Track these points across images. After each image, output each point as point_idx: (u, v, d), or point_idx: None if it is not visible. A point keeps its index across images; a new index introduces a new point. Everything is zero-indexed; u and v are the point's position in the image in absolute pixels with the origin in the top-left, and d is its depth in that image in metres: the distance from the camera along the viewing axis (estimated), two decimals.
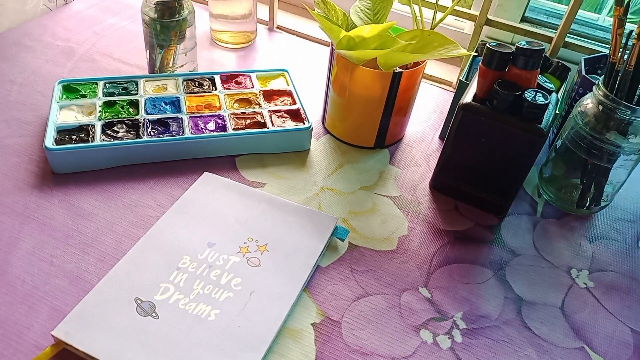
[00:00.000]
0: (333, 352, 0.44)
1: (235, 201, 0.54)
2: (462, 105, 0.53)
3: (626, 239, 0.58)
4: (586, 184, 0.58)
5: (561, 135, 0.59)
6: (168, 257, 0.48)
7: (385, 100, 0.60)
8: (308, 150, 0.65)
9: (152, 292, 0.45)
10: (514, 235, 0.57)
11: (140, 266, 0.47)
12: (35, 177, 0.56)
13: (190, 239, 0.50)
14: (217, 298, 0.45)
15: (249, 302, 0.45)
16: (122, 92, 0.64)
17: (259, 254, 0.49)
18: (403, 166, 0.64)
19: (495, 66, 0.52)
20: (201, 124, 0.61)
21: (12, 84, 0.68)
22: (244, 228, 0.51)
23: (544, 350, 0.46)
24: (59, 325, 0.41)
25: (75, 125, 0.58)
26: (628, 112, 0.51)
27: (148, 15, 0.63)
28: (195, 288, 0.46)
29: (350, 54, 0.57)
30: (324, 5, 0.62)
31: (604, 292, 0.52)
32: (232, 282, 0.46)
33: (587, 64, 0.64)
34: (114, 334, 0.41)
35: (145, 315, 0.43)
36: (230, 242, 0.50)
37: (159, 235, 0.50)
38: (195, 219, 0.52)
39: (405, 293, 0.50)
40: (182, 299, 0.45)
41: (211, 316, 0.44)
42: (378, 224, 0.56)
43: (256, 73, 0.70)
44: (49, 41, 0.77)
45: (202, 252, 0.49)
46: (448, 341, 0.46)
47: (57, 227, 0.51)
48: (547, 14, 0.84)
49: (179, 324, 0.43)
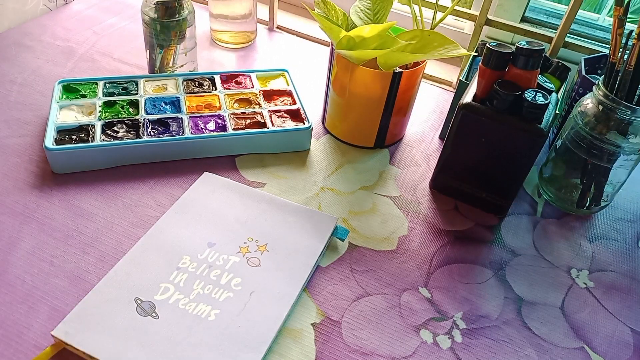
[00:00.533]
0: (333, 352, 0.44)
1: (235, 201, 0.54)
2: (462, 105, 0.53)
3: (626, 239, 0.58)
4: (586, 184, 0.58)
5: (561, 135, 0.59)
6: (168, 257, 0.48)
7: (385, 100, 0.60)
8: (308, 150, 0.65)
9: (152, 292, 0.45)
10: (514, 235, 0.57)
11: (140, 266, 0.47)
12: (35, 177, 0.56)
13: (190, 239, 0.50)
14: (217, 298, 0.45)
15: (249, 302, 0.45)
16: (122, 92, 0.64)
17: (259, 254, 0.49)
18: (403, 166, 0.64)
19: (495, 66, 0.52)
20: (201, 124, 0.61)
21: (12, 84, 0.68)
22: (244, 228, 0.51)
23: (544, 350, 0.46)
24: (59, 325, 0.41)
25: (75, 125, 0.58)
26: (628, 112, 0.51)
27: (148, 15, 0.63)
28: (195, 288, 0.46)
29: (350, 54, 0.57)
30: (324, 5, 0.62)
31: (604, 292, 0.52)
32: (232, 282, 0.46)
33: (587, 64, 0.64)
34: (114, 334, 0.41)
35: (145, 315, 0.43)
36: (230, 242, 0.50)
37: (159, 235, 0.50)
38: (195, 219, 0.52)
39: (405, 293, 0.50)
40: (182, 299, 0.45)
41: (211, 316, 0.44)
42: (378, 224, 0.56)
43: (256, 73, 0.70)
44: (49, 41, 0.77)
45: (202, 252, 0.49)
46: (448, 341, 0.46)
47: (57, 227, 0.51)
48: (547, 14, 0.84)
49: (179, 324, 0.43)
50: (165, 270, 0.47)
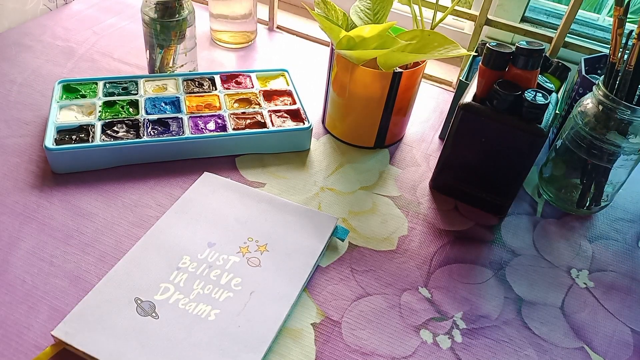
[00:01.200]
0: (333, 352, 0.44)
1: (235, 201, 0.54)
2: (462, 105, 0.53)
3: (626, 239, 0.58)
4: (586, 184, 0.58)
5: (561, 135, 0.59)
6: (168, 257, 0.48)
7: (385, 100, 0.60)
8: (308, 150, 0.65)
9: (152, 292, 0.45)
10: (514, 235, 0.57)
11: (141, 266, 0.47)
12: (35, 177, 0.56)
13: (190, 239, 0.50)
14: (217, 298, 0.45)
15: (249, 302, 0.45)
16: (122, 92, 0.64)
17: (259, 254, 0.49)
18: (403, 166, 0.64)
19: (495, 66, 0.52)
20: (201, 124, 0.61)
21: (12, 84, 0.68)
22: (244, 228, 0.51)
23: (544, 350, 0.46)
24: (59, 325, 0.41)
25: (75, 125, 0.58)
26: (628, 112, 0.51)
27: (148, 15, 0.63)
28: (195, 288, 0.46)
29: (350, 54, 0.57)
30: (324, 5, 0.62)
31: (604, 292, 0.52)
32: (232, 282, 0.46)
33: (587, 64, 0.64)
34: (114, 334, 0.41)
35: (145, 315, 0.43)
36: (230, 242, 0.50)
37: (159, 235, 0.50)
38: (195, 219, 0.52)
39: (405, 293, 0.50)
40: (182, 298, 0.45)
41: (211, 316, 0.44)
42: (378, 224, 0.56)
43: (256, 73, 0.70)
44: (49, 41, 0.77)
45: (202, 252, 0.49)
46: (448, 341, 0.46)
47: (57, 227, 0.51)
48: (547, 14, 0.84)
49: (179, 324, 0.43)
50: (165, 271, 0.47)
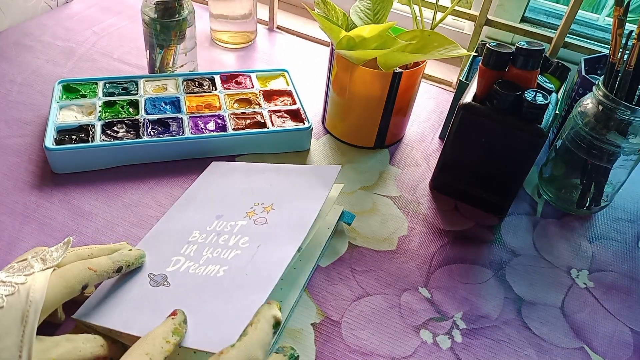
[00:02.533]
0: (333, 352, 0.44)
1: (242, 178, 0.55)
2: (462, 105, 0.53)
3: (626, 239, 0.58)
4: (586, 184, 0.58)
5: (561, 135, 0.59)
6: (178, 236, 0.48)
7: (385, 100, 0.60)
8: (308, 150, 0.65)
9: (164, 266, 0.45)
10: (514, 235, 0.57)
11: (153, 248, 0.47)
12: (35, 177, 0.56)
13: (200, 217, 0.50)
14: (225, 257, 0.45)
15: (256, 253, 0.44)
16: (122, 92, 0.64)
17: (265, 213, 0.49)
18: (403, 166, 0.64)
19: (495, 66, 0.52)
20: (201, 124, 0.61)
21: (12, 84, 0.68)
22: (250, 196, 0.52)
23: (544, 350, 0.46)
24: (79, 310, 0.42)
25: (75, 125, 0.58)
26: (628, 112, 0.51)
27: (148, 15, 0.63)
28: (204, 254, 0.45)
29: (350, 54, 0.57)
30: (324, 6, 0.62)
31: (604, 292, 0.52)
32: (240, 242, 0.46)
33: (587, 64, 0.64)
34: (127, 307, 0.41)
35: (157, 286, 0.43)
36: (238, 211, 0.50)
37: (169, 222, 0.51)
38: (204, 202, 0.53)
39: (405, 293, 0.50)
40: (192, 265, 0.45)
41: (220, 273, 0.43)
42: (378, 224, 0.56)
43: (256, 73, 0.70)
44: (49, 41, 0.77)
45: (210, 224, 0.49)
46: (448, 341, 0.46)
47: (57, 227, 0.51)
48: (547, 14, 0.84)
49: (189, 287, 0.43)
50: (176, 246, 0.47)
